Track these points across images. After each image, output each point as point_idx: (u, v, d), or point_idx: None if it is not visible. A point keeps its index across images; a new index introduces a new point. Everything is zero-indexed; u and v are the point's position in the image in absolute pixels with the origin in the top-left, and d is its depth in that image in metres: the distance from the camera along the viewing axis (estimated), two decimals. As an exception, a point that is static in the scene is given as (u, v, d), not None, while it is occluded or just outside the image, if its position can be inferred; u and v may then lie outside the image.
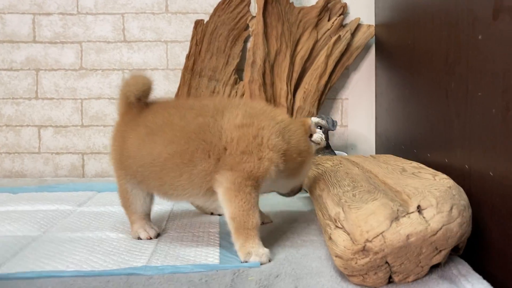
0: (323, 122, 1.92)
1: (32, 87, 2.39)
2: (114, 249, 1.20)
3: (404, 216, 0.94)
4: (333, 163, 1.58)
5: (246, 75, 2.01)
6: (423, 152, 1.58)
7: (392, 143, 2.16)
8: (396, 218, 0.94)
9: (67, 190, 1.97)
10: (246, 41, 2.32)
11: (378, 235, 0.92)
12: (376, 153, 2.32)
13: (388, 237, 0.91)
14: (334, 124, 1.94)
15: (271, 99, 2.01)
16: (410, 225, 0.92)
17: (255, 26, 2.04)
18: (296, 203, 1.72)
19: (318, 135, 1.86)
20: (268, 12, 2.03)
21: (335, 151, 1.96)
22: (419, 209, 0.96)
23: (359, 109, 2.37)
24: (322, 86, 2.13)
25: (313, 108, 2.10)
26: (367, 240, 0.92)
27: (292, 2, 2.18)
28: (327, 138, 1.91)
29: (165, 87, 2.38)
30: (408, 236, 0.91)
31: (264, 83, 2.00)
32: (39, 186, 2.07)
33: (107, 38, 2.37)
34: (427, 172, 1.19)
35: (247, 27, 2.31)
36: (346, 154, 2.01)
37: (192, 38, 2.25)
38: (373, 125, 2.34)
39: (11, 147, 2.40)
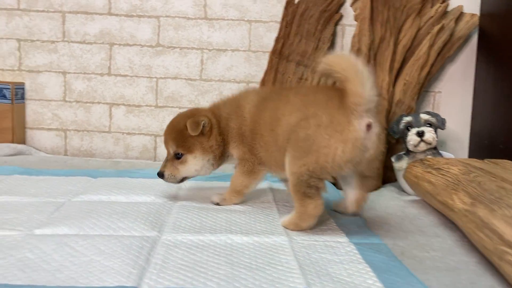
0: (433, 120, 1.77)
1: (105, 62, 2.26)
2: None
3: None
4: (458, 169, 1.44)
5: (350, 63, 1.85)
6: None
7: (491, 143, 2.02)
8: None
9: (149, 177, 1.86)
10: (336, 24, 2.16)
11: None
12: (470, 153, 2.17)
13: None
14: (443, 122, 1.79)
15: (373, 91, 1.86)
16: None
17: (360, 10, 1.88)
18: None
19: (430, 134, 1.72)
20: (375, -4, 1.86)
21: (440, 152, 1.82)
22: None
23: (452, 104, 2.21)
24: (422, 78, 1.97)
25: (412, 102, 1.94)
26: None
27: (396, -15, 2.00)
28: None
29: (245, 69, 2.24)
30: None
31: (368, 74, 1.84)
32: (117, 170, 1.97)
33: (187, 14, 2.22)
34: None
35: (338, 9, 2.14)
36: (452, 156, 1.87)
37: (283, 19, 2.09)
38: (468, 122, 2.18)
39: (80, 124, 2.30)
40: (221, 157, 1.52)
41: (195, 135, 1.43)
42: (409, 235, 1.30)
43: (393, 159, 1.83)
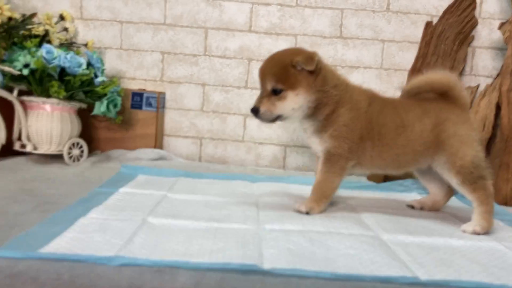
0: None
1: (242, 76, 2.40)
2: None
3: None
4: None
5: (505, 83, 1.96)
6: None
7: None
8: None
9: (299, 183, 1.98)
10: (469, 45, 2.27)
11: None
12: None
13: None
14: None
15: (521, 110, 1.96)
16: None
17: (510, 32, 1.99)
18: None
19: None
20: (523, 19, 1.97)
21: None
22: None
23: None
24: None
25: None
26: None
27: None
28: None
29: (376, 86, 2.36)
30: None
31: (518, 93, 1.95)
32: (269, 176, 2.08)
33: (323, 33, 2.36)
34: None
35: (471, 31, 2.26)
36: None
37: (422, 39, 2.21)
38: None
39: (215, 133, 2.43)
40: (312, 115, 1.47)
41: (309, 69, 1.39)
42: None
43: (542, 174, 1.92)
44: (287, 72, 1.40)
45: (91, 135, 2.35)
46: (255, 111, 1.44)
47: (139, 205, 1.45)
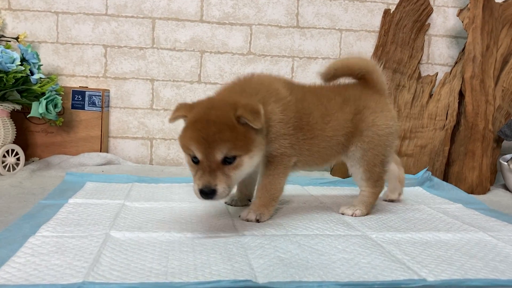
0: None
1: (195, 70, 2.24)
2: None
3: None
4: None
5: (468, 70, 1.93)
6: None
7: None
8: None
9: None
10: (425, 33, 2.25)
11: None
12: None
13: None
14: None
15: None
16: None
17: (471, 20, 1.97)
18: None
19: None
20: (484, 6, 1.96)
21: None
22: None
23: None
24: (516, 85, 2.08)
25: (510, 108, 2.05)
26: None
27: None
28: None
29: (335, 77, 2.28)
30: None
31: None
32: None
33: (279, 22, 2.25)
34: None
35: (427, 19, 2.23)
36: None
37: (381, 27, 2.16)
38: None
39: (167, 133, 2.25)
40: None
41: (256, 128, 1.14)
42: None
43: (505, 161, 1.92)
44: (237, 133, 1.12)
45: (27, 140, 2.10)
46: (212, 193, 1.09)
47: (96, 218, 1.27)
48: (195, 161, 1.14)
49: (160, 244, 1.08)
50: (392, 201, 1.63)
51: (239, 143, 1.12)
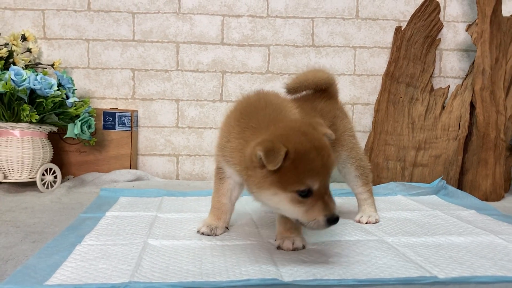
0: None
1: (217, 89, 2.37)
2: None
3: None
4: None
5: (477, 82, 2.02)
6: None
7: None
8: None
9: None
10: (437, 48, 2.34)
11: None
12: None
13: None
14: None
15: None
16: None
17: (479, 34, 2.06)
18: None
19: None
20: (491, 21, 2.05)
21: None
22: None
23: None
24: (527, 96, 2.15)
25: (522, 117, 2.12)
26: None
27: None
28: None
29: (350, 92, 2.39)
30: None
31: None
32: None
33: (296, 42, 2.37)
34: None
35: (437, 34, 2.33)
36: None
37: (393, 44, 2.26)
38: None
39: (192, 149, 2.38)
40: None
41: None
42: None
43: (519, 168, 1.99)
44: None
45: (62, 160, 2.24)
46: (337, 219, 1.06)
47: (133, 228, 1.39)
48: (304, 194, 1.04)
49: (193, 250, 1.19)
50: None
51: None
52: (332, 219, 1.04)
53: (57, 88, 1.93)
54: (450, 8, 2.38)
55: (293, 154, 1.02)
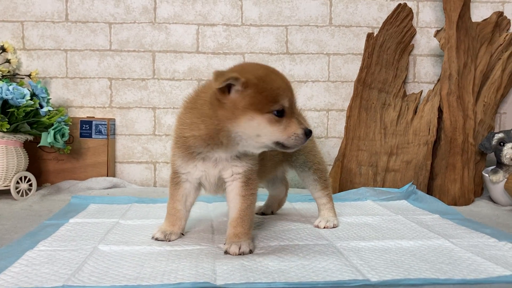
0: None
1: (193, 97, 2.40)
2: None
3: None
4: None
5: (444, 87, 2.04)
6: None
7: None
8: None
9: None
10: (409, 54, 2.36)
11: None
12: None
13: None
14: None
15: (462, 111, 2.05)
16: None
17: (446, 40, 2.08)
18: None
19: (510, 151, 1.89)
20: (458, 27, 2.07)
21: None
22: None
23: (517, 123, 2.41)
24: (498, 100, 2.17)
25: (492, 122, 2.13)
26: None
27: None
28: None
29: (325, 98, 2.41)
30: None
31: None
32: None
33: (270, 50, 2.40)
34: None
35: (410, 40, 2.35)
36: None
37: (365, 50, 2.28)
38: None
39: (169, 157, 2.40)
40: None
41: None
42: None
43: (487, 173, 2.00)
44: None
45: (40, 168, 2.29)
46: (310, 132, 1.19)
47: (89, 234, 1.42)
48: (278, 114, 1.14)
49: (140, 255, 1.22)
50: (263, 214, 1.74)
51: None
52: (308, 131, 1.18)
53: (29, 98, 1.97)
54: (423, 14, 2.40)
55: (254, 79, 1.13)
